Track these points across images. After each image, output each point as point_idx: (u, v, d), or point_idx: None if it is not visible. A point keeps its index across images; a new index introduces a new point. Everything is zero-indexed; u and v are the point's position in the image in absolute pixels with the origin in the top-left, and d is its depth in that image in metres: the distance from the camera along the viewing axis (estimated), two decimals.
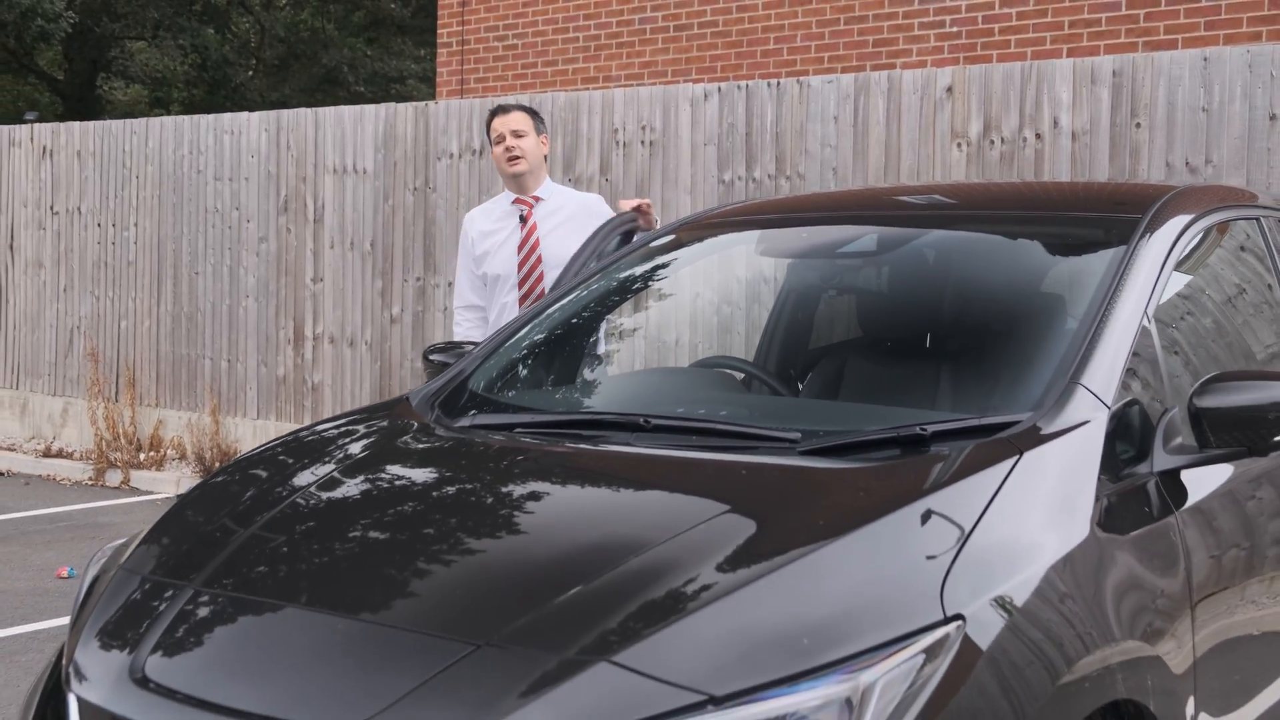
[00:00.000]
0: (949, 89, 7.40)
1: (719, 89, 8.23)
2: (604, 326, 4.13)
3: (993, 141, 7.26)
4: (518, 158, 5.63)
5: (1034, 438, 2.81)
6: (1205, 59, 6.75)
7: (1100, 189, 4.65)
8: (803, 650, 2.25)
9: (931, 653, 2.30)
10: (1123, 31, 9.32)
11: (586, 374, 3.95)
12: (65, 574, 7.37)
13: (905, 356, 3.69)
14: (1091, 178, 6.97)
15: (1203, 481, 3.15)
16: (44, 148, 11.65)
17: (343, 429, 3.46)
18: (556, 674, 2.24)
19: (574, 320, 4.01)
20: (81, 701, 2.60)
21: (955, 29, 10.07)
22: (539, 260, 5.58)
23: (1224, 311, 3.76)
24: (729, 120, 8.12)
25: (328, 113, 9.96)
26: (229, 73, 31.19)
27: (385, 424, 3.46)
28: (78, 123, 11.64)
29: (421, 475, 3.18)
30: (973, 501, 2.59)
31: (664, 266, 4.20)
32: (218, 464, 9.86)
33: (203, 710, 2.41)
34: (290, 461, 3.26)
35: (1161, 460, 3.04)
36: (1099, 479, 2.82)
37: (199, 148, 10.61)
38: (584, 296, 4.05)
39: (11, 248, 11.89)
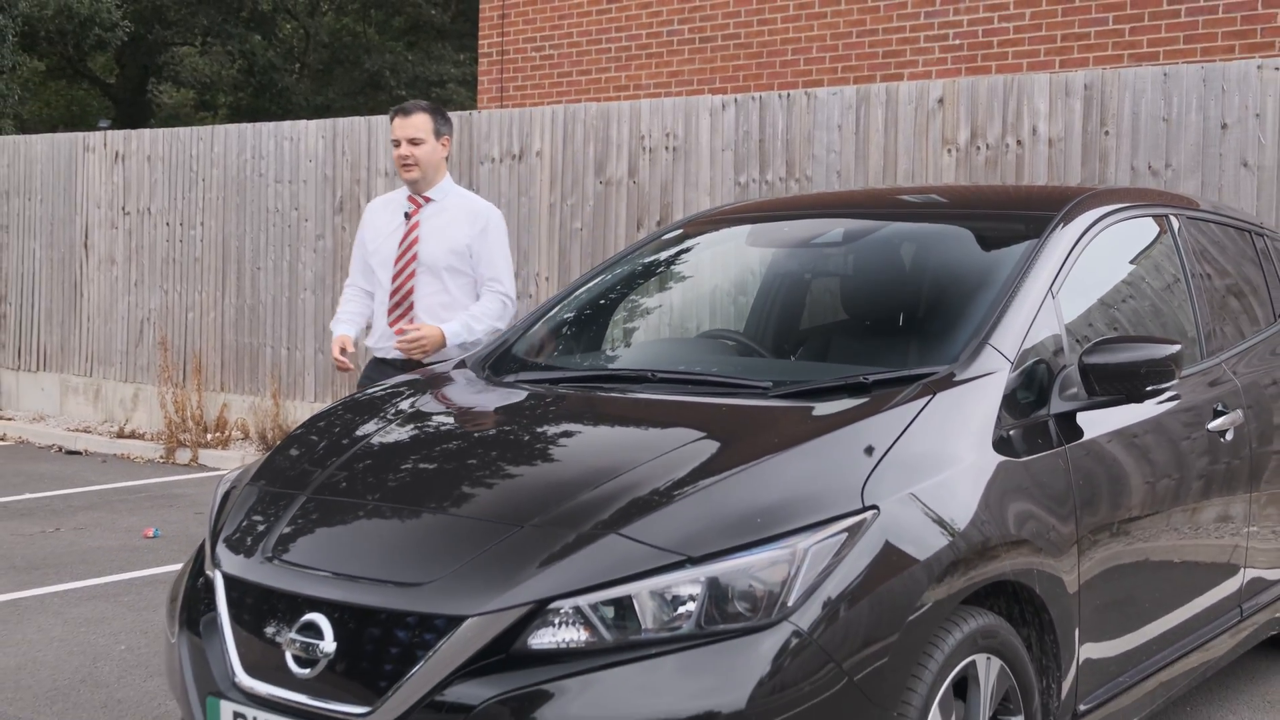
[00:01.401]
0: (940, 100, 8.23)
1: (735, 100, 9.08)
2: (621, 303, 5.00)
3: (979, 147, 8.09)
4: (411, 165, 5.74)
5: (948, 383, 3.66)
6: (1165, 74, 7.56)
7: (1032, 191, 5.49)
8: (757, 526, 3.11)
9: (852, 530, 3.16)
10: (1110, 45, 10.12)
11: (605, 341, 4.82)
12: (151, 534, 8.28)
13: (861, 325, 4.56)
14: (1065, 180, 7.79)
15: (1092, 423, 3.98)
16: (116, 153, 12.60)
17: (415, 380, 4.37)
18: (578, 542, 3.11)
19: (595, 299, 4.91)
20: (227, 576, 3.48)
21: (957, 42, 10.89)
22: (414, 258, 5.68)
23: (1124, 288, 4.59)
24: (744, 128, 8.98)
25: (379, 120, 10.86)
26: (275, 77, 32.21)
27: (448, 377, 4.35)
28: (148, 130, 12.59)
29: (476, 415, 4.08)
30: (893, 427, 3.44)
31: (673, 255, 5.11)
32: (278, 443, 10.77)
33: (316, 573, 3.30)
34: (376, 405, 4.16)
35: (1057, 405, 3.88)
36: (1000, 416, 3.66)
37: (260, 153, 11.54)
38: (605, 280, 4.94)
39: (86, 246, 12.85)
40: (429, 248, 5.67)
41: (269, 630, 3.32)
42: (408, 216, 5.74)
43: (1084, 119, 7.77)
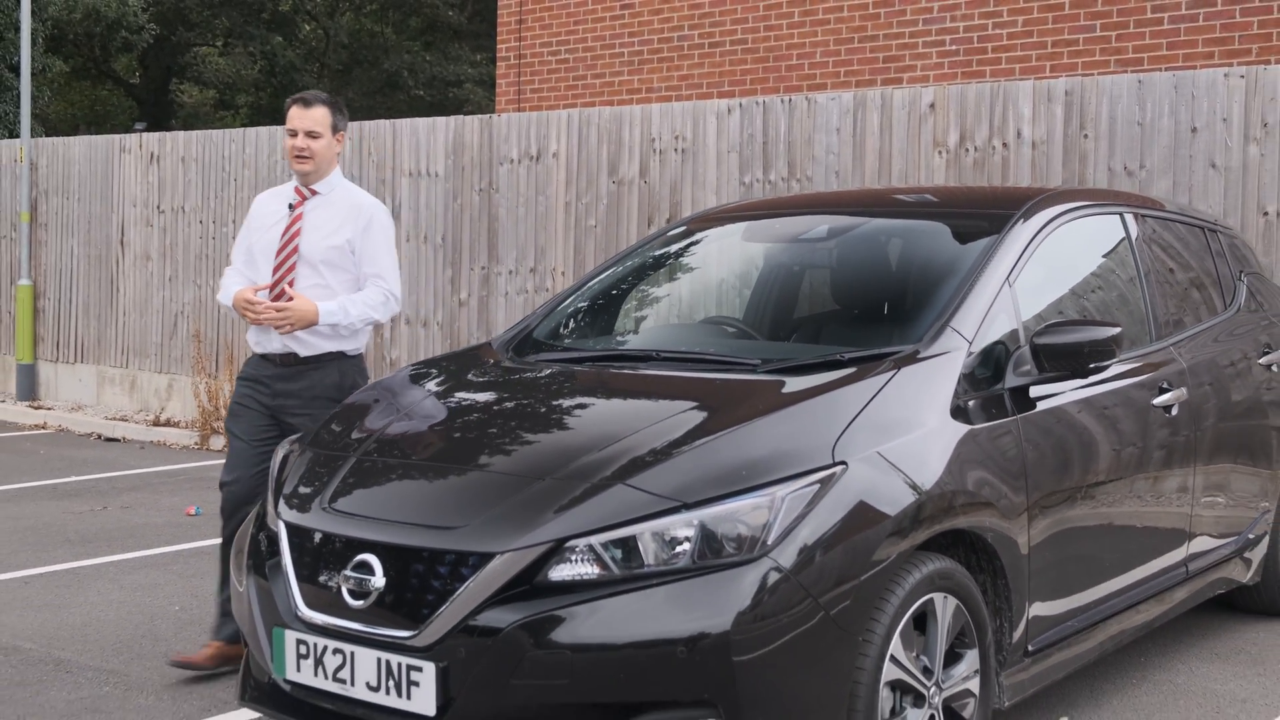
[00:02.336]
0: (932, 105, 8.78)
1: (740, 104, 9.63)
2: (631, 293, 5.57)
3: (967, 149, 8.63)
4: (306, 159, 5.55)
5: (912, 359, 4.22)
6: (1140, 82, 8.10)
7: (1001, 192, 6.04)
8: (742, 478, 3.67)
9: (824, 482, 3.71)
10: (1097, 51, 10.65)
11: (616, 325, 5.39)
12: (192, 512, 8.85)
13: (842, 310, 5.12)
14: (1048, 181, 8.33)
15: (1045, 397, 4.52)
16: (152, 154, 13.20)
17: (449, 361, 4.95)
18: (590, 491, 3.68)
19: (607, 289, 5.49)
20: (289, 525, 4.05)
21: (954, 47, 11.43)
22: (294, 251, 5.54)
23: (1077, 278, 5.14)
24: (749, 131, 9.53)
25: (404, 124, 11.43)
26: (295, 77, 32.84)
27: (477, 358, 4.93)
28: (181, 132, 13.18)
29: (501, 389, 4.64)
30: (862, 396, 4.00)
31: (678, 250, 5.68)
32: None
33: (368, 520, 3.87)
34: (413, 380, 4.74)
35: (1011, 380, 4.43)
36: (958, 388, 4.22)
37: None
38: (616, 272, 5.51)
39: (123, 243, 13.45)
40: (309, 240, 5.53)
41: (326, 570, 3.89)
42: (291, 208, 5.59)
43: (1065, 123, 8.31)
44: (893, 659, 3.81)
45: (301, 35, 35.09)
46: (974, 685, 4.14)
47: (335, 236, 5.54)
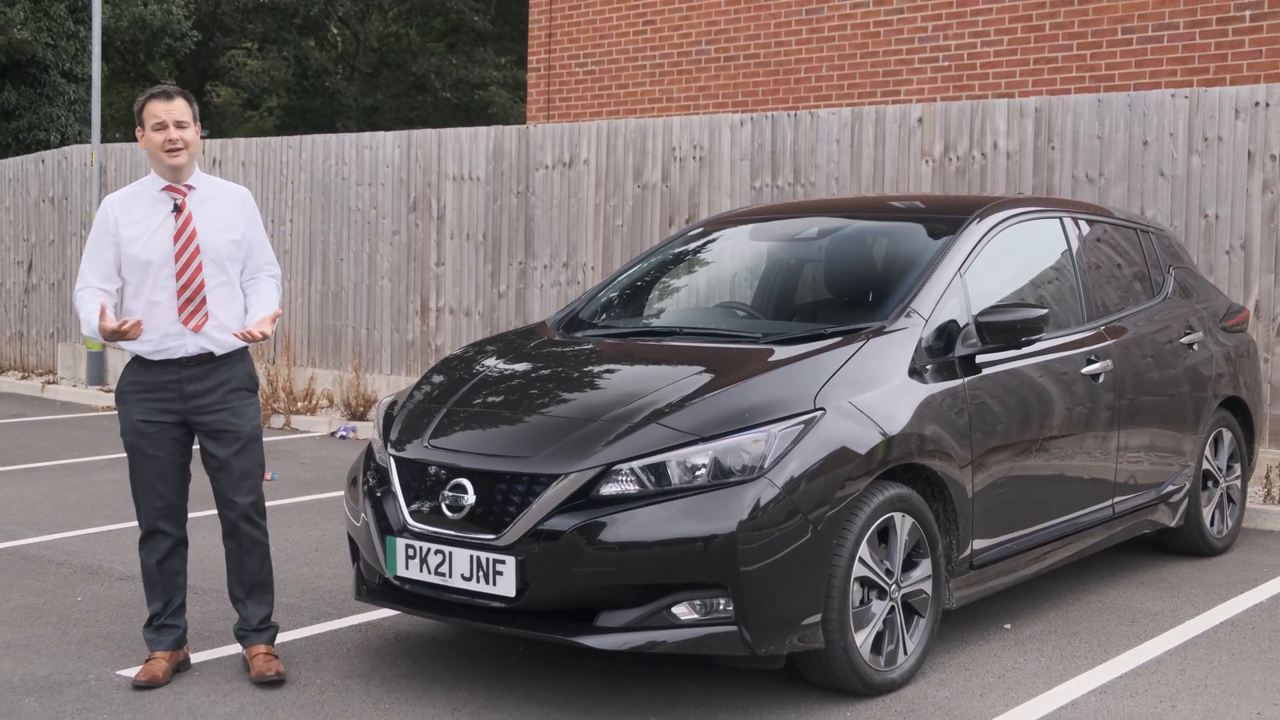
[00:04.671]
0: (920, 120, 9.96)
1: (751, 118, 10.84)
2: (657, 282, 6.79)
3: (951, 159, 9.82)
4: (179, 149, 5.29)
5: (880, 332, 5.42)
6: (1099, 101, 9.29)
7: (962, 199, 7.19)
8: (745, 418, 4.87)
9: (807, 423, 4.91)
10: (1074, 68, 11.83)
11: (646, 309, 6.61)
12: (269, 477, 10.08)
13: (830, 297, 6.32)
14: (1020, 187, 9.52)
15: (988, 365, 5.71)
16: (214, 159, 14.44)
17: (511, 337, 6.18)
18: (631, 429, 4.89)
19: (637, 279, 6.71)
20: (398, 459, 5.26)
21: (946, 64, 12.62)
22: (197, 250, 5.31)
23: (1019, 270, 6.33)
24: (758, 141, 10.73)
25: (448, 133, 12.65)
26: (326, 81, 34.09)
27: (535, 334, 6.16)
28: (242, 139, 14.42)
29: (557, 356, 5.87)
30: (838, 360, 5.20)
31: (696, 247, 6.91)
32: (361, 409, 12.56)
33: (461, 453, 5.09)
34: (485, 351, 5.97)
35: (959, 350, 5.61)
36: (915, 355, 5.40)
37: (344, 159, 13.36)
38: (645, 266, 6.73)
39: None
40: (207, 237, 5.33)
41: (429, 492, 5.10)
42: (178, 209, 5.33)
43: (1035, 136, 9.49)
44: (861, 560, 5.00)
45: (331, 39, 36.30)
46: (927, 587, 5.33)
47: (232, 230, 5.40)
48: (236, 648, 5.67)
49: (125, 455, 5.58)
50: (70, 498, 9.17)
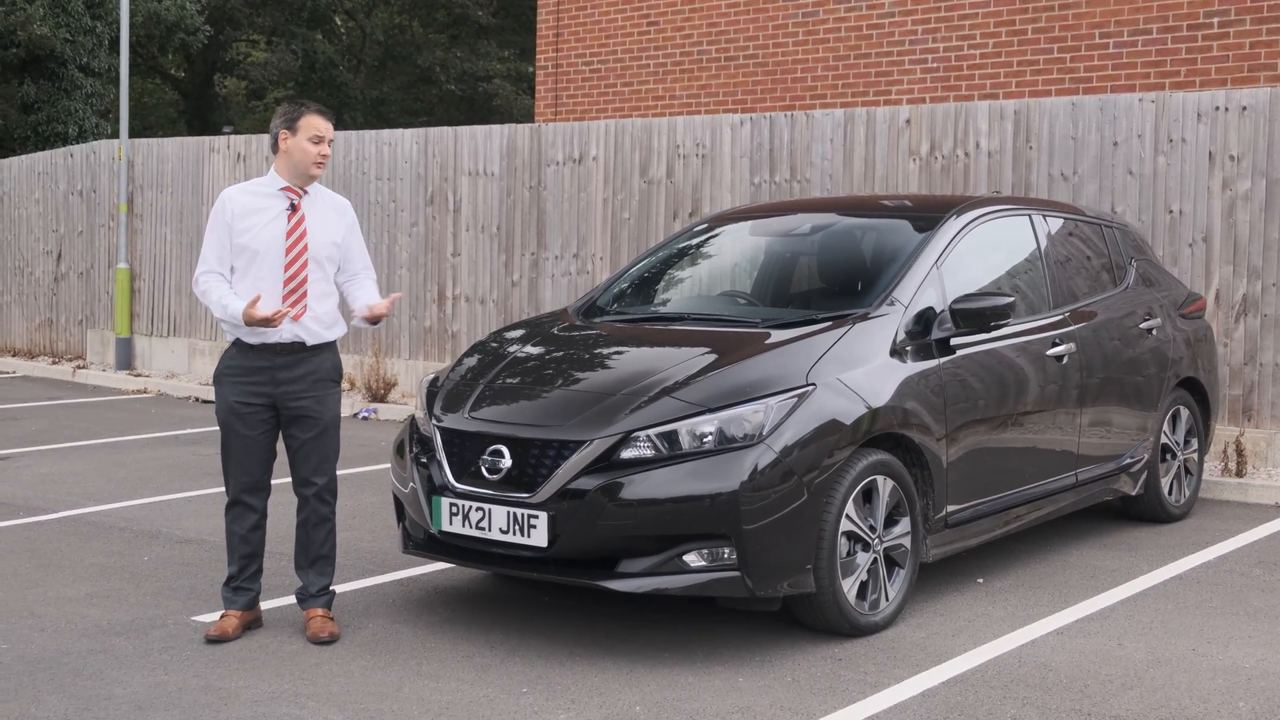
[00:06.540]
0: (908, 121, 10.68)
1: (751, 118, 11.56)
2: (666, 273, 7.52)
3: (936, 158, 10.54)
4: (323, 164, 5.92)
5: (864, 318, 6.15)
6: (1074, 104, 10.01)
7: (942, 197, 7.92)
8: (745, 392, 5.60)
9: (800, 397, 5.64)
10: (1054, 70, 12.55)
11: (656, 296, 7.34)
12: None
13: (822, 286, 7.05)
14: (1000, 185, 10.24)
15: (962, 348, 6.43)
16: (238, 154, 15.15)
17: (535, 322, 6.93)
18: (647, 401, 5.62)
19: (647, 269, 7.43)
20: (442, 429, 5.98)
21: (935, 65, 13.34)
22: (305, 247, 5.85)
23: (990, 262, 7.05)
24: (757, 140, 11.45)
25: (464, 130, 13.36)
26: (333, 73, 34.72)
27: (557, 319, 6.90)
28: (267, 135, 15.09)
29: (579, 339, 6.60)
30: (828, 341, 5.93)
31: (700, 241, 7.64)
32: (382, 392, 13.29)
33: (498, 423, 5.81)
34: (514, 335, 6.70)
35: (935, 334, 6.34)
36: (896, 338, 6.13)
37: (364, 155, 14.07)
38: (655, 258, 7.46)
39: None
40: (314, 238, 5.88)
41: (470, 456, 5.82)
42: (294, 208, 5.88)
43: (1014, 136, 10.22)
44: (848, 517, 5.72)
45: (337, 32, 36.90)
46: (906, 542, 6.06)
47: (334, 233, 5.96)
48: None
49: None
50: (118, 472, 9.88)
